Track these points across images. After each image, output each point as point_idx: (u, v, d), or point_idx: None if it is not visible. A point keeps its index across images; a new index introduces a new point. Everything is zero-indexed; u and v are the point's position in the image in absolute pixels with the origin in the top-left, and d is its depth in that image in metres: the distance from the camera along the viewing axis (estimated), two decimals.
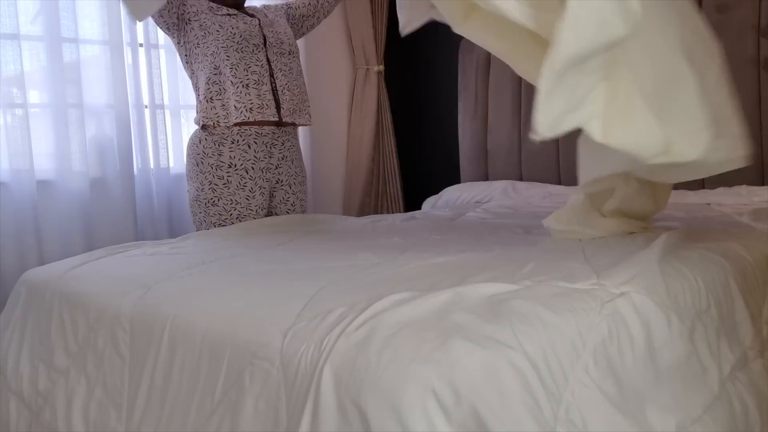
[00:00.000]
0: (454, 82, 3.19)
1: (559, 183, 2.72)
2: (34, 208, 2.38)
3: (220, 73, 2.16)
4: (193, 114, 2.30)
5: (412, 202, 3.39)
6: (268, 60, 2.22)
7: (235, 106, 2.13)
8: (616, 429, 0.96)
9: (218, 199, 2.17)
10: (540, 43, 1.20)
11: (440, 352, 0.89)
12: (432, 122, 3.48)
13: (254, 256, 1.58)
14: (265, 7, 2.46)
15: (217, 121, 2.16)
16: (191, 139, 2.27)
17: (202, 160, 2.19)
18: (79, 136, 2.49)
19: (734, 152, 1.21)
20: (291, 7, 2.47)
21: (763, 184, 2.19)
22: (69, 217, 2.48)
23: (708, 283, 1.26)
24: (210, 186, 2.17)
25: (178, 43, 2.26)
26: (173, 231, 2.74)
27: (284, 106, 2.22)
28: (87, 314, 1.39)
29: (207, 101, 2.17)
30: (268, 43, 2.23)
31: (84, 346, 1.37)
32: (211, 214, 2.19)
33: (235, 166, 2.18)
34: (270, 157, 2.25)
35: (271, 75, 2.22)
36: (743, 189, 2.13)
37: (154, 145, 2.68)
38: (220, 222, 2.18)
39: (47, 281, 1.56)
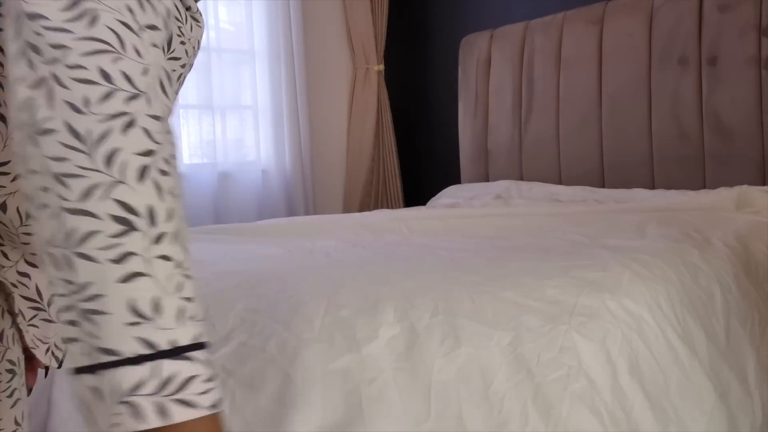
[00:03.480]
0: (454, 82, 3.18)
1: (560, 183, 2.71)
2: None
3: None
4: (191, 113, 2.29)
5: (412, 202, 3.38)
6: None
7: None
8: None
9: None
10: None
11: None
12: (432, 122, 3.47)
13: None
14: None
15: None
16: None
17: None
18: None
19: None
20: None
21: (763, 184, 2.18)
22: None
23: None
24: None
25: None
26: None
27: None
28: None
29: None
30: None
31: None
32: None
33: None
34: None
35: None
36: (743, 189, 2.12)
37: None
38: None
39: None
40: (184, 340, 0.39)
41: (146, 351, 0.38)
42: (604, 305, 1.11)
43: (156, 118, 0.41)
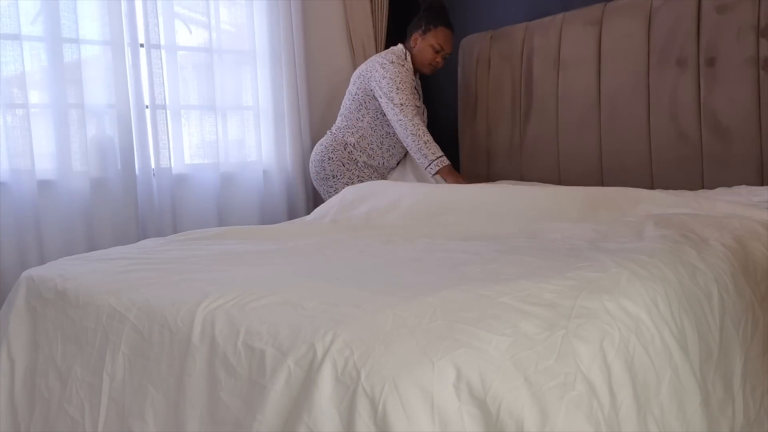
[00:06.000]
0: (454, 82, 3.19)
1: (559, 183, 2.72)
2: (34, 208, 2.39)
3: None
4: (193, 114, 2.31)
5: None
6: None
7: None
8: None
9: None
10: None
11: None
12: (432, 122, 3.48)
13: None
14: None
15: None
16: None
17: None
18: (80, 137, 2.50)
19: None
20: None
21: (762, 184, 2.19)
22: (70, 217, 2.49)
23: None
24: None
25: None
26: (176, 231, 2.75)
27: None
28: (86, 312, 1.39)
29: None
30: None
31: (83, 343, 1.37)
32: None
33: None
34: None
35: None
36: (742, 189, 2.13)
37: (155, 145, 2.68)
38: None
39: (45, 279, 1.56)
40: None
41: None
42: (603, 306, 1.12)
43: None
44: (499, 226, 1.80)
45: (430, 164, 2.59)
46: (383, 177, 2.90)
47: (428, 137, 2.61)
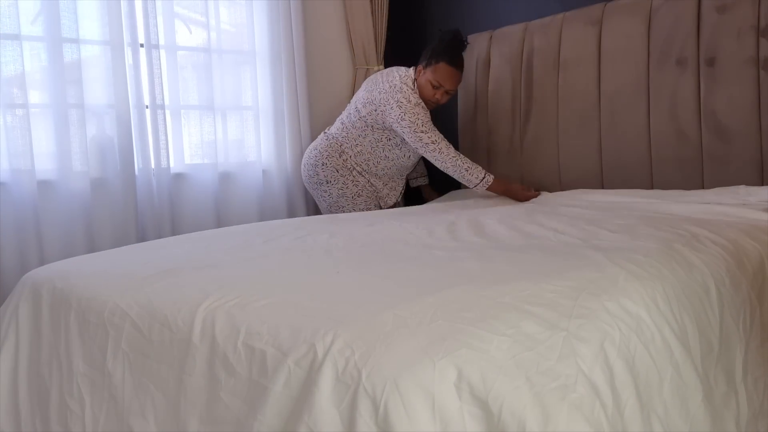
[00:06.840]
0: None
1: (559, 183, 2.72)
2: (34, 209, 2.39)
3: None
4: (192, 114, 2.31)
5: (413, 203, 3.39)
6: None
7: None
8: None
9: None
10: None
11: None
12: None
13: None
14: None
15: None
16: None
17: None
18: (80, 136, 2.50)
19: None
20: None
21: (762, 184, 2.19)
22: (70, 217, 2.48)
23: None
24: None
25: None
26: (175, 231, 2.75)
27: None
28: (89, 307, 1.39)
29: None
30: None
31: (84, 338, 1.37)
32: None
33: None
34: None
35: None
36: (741, 189, 2.13)
37: (155, 145, 2.68)
38: None
39: (47, 281, 1.56)
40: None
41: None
42: (603, 306, 1.12)
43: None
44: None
45: (475, 187, 2.63)
46: (375, 188, 2.89)
47: (466, 164, 2.61)
